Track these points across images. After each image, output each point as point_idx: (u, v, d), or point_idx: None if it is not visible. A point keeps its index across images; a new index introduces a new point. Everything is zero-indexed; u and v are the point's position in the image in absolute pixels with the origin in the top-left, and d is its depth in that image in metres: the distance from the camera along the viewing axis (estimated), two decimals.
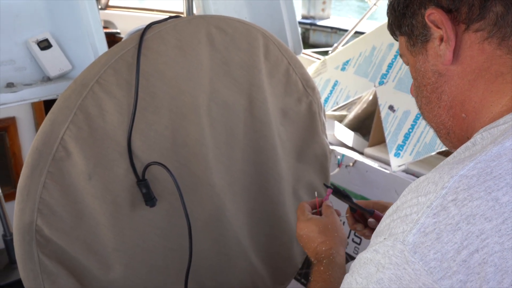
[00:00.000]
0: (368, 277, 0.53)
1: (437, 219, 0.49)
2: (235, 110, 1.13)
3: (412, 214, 0.50)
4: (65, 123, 0.89)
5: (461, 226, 0.48)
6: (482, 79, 0.60)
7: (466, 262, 0.47)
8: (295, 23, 1.48)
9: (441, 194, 0.49)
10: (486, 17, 0.59)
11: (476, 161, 0.51)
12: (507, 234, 0.47)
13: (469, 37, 0.60)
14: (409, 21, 0.66)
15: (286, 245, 1.32)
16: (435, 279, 0.47)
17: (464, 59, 0.61)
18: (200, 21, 1.05)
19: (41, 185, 0.88)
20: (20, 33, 1.09)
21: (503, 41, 0.58)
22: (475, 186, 0.49)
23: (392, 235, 0.51)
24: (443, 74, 0.64)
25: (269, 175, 1.23)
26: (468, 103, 0.62)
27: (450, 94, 0.64)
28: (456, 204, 0.48)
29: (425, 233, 0.48)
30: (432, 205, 0.49)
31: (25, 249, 0.89)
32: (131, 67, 0.94)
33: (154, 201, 1.01)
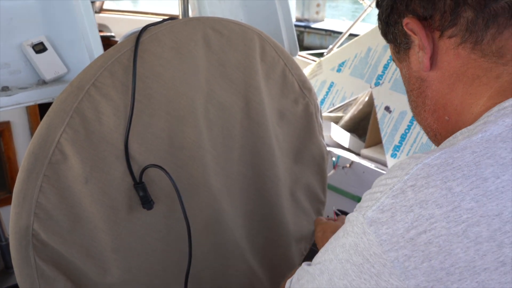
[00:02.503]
0: (337, 239, 0.61)
1: (394, 200, 0.54)
2: (232, 112, 1.13)
3: (377, 193, 0.57)
4: (61, 126, 0.88)
5: (414, 209, 0.53)
6: (460, 83, 0.64)
7: (413, 240, 0.52)
8: (291, 25, 1.48)
9: (404, 179, 0.55)
10: (457, 23, 0.62)
11: (442, 152, 0.55)
12: (454, 221, 0.51)
13: (444, 43, 0.64)
14: (392, 29, 0.70)
15: (284, 246, 1.32)
16: (383, 250, 0.54)
17: (442, 64, 0.65)
18: (196, 23, 1.05)
19: (38, 189, 0.87)
20: (15, 36, 1.08)
21: (476, 45, 0.61)
22: (434, 175, 0.53)
23: (359, 208, 0.59)
24: (425, 79, 0.68)
25: (266, 177, 1.23)
26: (449, 106, 0.66)
27: (432, 98, 0.68)
28: (414, 189, 0.54)
29: (382, 210, 0.55)
30: (394, 188, 0.55)
31: (21, 253, 0.88)
32: (127, 69, 0.94)
33: (151, 204, 1.00)
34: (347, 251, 0.58)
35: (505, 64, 0.61)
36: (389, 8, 0.69)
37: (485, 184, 0.52)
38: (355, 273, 0.57)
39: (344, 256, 0.59)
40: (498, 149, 0.53)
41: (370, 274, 0.55)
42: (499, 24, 0.60)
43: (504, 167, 0.52)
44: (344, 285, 0.58)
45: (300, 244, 1.38)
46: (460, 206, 0.51)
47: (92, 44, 1.08)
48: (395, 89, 1.67)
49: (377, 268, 0.54)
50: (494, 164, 0.52)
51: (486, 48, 0.61)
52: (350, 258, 0.58)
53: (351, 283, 0.57)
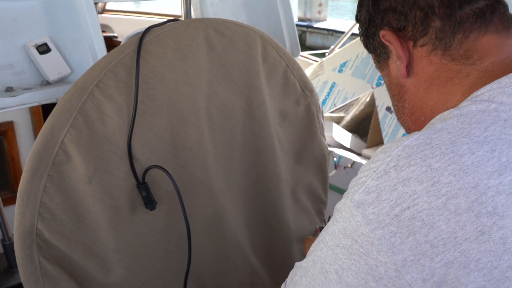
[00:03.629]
0: (326, 229, 0.64)
1: (379, 182, 0.57)
2: (234, 112, 1.14)
3: (362, 178, 0.60)
4: (65, 126, 0.89)
5: (397, 187, 0.56)
6: (435, 86, 0.69)
7: (398, 217, 0.55)
8: (293, 25, 1.49)
9: (386, 161, 0.58)
10: (428, 33, 0.68)
11: (420, 134, 0.59)
12: (435, 195, 0.54)
13: (417, 52, 0.70)
14: (371, 41, 0.76)
15: (285, 245, 1.32)
16: (370, 229, 0.56)
17: (417, 71, 0.71)
18: (198, 24, 1.06)
19: (42, 189, 0.88)
20: (18, 37, 1.09)
21: (446, 51, 0.67)
22: (414, 154, 0.57)
23: (347, 194, 0.61)
24: (403, 85, 0.74)
25: (267, 177, 1.24)
26: (425, 107, 0.71)
27: (410, 102, 0.74)
28: (396, 169, 0.57)
29: (368, 192, 0.58)
30: (377, 170, 0.58)
31: (25, 253, 0.89)
32: (130, 70, 0.95)
33: (154, 204, 1.01)
34: (336, 237, 0.60)
35: (473, 64, 0.66)
36: (366, 22, 0.75)
37: (462, 160, 0.55)
38: (345, 255, 0.59)
39: (334, 241, 0.61)
40: (472, 128, 0.57)
41: (359, 254, 0.57)
42: (465, 29, 0.66)
43: (479, 144, 0.56)
44: (335, 270, 0.60)
45: (301, 244, 1.38)
46: (440, 181, 0.54)
47: (95, 45, 1.09)
48: None
49: (365, 247, 0.57)
50: (469, 142, 0.56)
51: (455, 53, 0.67)
52: (339, 242, 0.60)
53: (342, 266, 0.59)
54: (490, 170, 0.54)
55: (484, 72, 0.65)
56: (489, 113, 0.58)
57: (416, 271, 0.54)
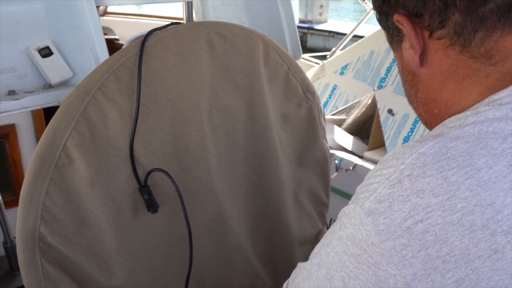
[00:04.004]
0: (333, 233, 0.62)
1: (392, 190, 0.55)
2: (236, 115, 1.14)
3: (374, 184, 0.58)
4: (67, 130, 0.89)
5: (411, 198, 0.54)
6: (451, 80, 0.65)
7: (410, 229, 0.53)
8: (294, 28, 1.49)
9: (400, 169, 0.56)
10: (446, 26, 0.62)
11: (436, 141, 0.56)
12: (450, 209, 0.53)
13: (433, 43, 0.64)
14: (384, 19, 0.70)
15: (287, 249, 1.32)
16: (381, 240, 0.55)
17: (432, 62, 0.66)
18: (200, 27, 1.06)
19: (44, 192, 0.88)
20: (21, 40, 1.09)
21: (465, 48, 0.62)
22: (429, 165, 0.55)
23: (356, 200, 0.59)
24: (416, 74, 0.69)
25: (269, 180, 1.24)
26: (440, 101, 0.68)
27: (424, 92, 0.70)
28: (410, 179, 0.55)
29: (380, 201, 0.56)
30: (390, 178, 0.56)
31: (28, 256, 0.89)
32: (132, 73, 0.95)
33: (156, 207, 1.01)
34: (344, 243, 0.59)
35: (494, 65, 0.62)
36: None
37: (479, 174, 0.53)
38: (352, 264, 0.57)
39: (341, 248, 0.59)
40: (490, 139, 0.55)
41: (368, 264, 0.56)
42: (487, 27, 0.60)
43: (496, 158, 0.54)
44: (341, 277, 0.59)
45: (303, 247, 1.38)
46: (456, 196, 0.53)
47: (97, 48, 1.09)
48: (398, 92, 1.68)
49: (374, 258, 0.55)
50: (487, 154, 0.54)
51: (475, 51, 0.62)
52: (347, 249, 0.58)
53: (349, 274, 0.58)
54: (507, 187, 0.53)
55: (506, 74, 0.61)
56: (507, 121, 0.56)
57: (426, 286, 0.53)
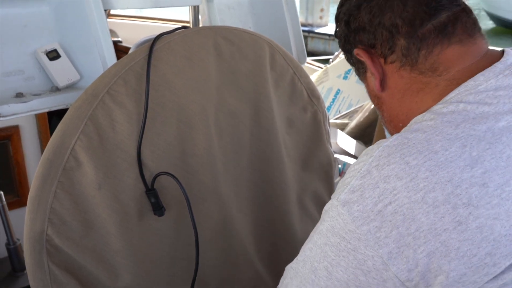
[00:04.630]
0: (315, 230, 0.68)
1: (362, 181, 0.61)
2: (242, 119, 1.15)
3: (348, 178, 0.64)
4: (76, 133, 0.90)
5: (379, 184, 0.60)
6: (407, 96, 0.74)
7: (381, 212, 0.58)
8: (299, 33, 1.50)
9: (369, 161, 0.62)
10: (395, 51, 0.72)
11: (398, 135, 0.63)
12: (413, 189, 0.58)
13: (388, 68, 0.74)
14: (349, 56, 0.81)
15: (291, 253, 1.32)
16: (357, 226, 0.60)
17: (390, 84, 0.76)
18: (208, 32, 1.06)
19: (52, 195, 0.89)
20: (29, 43, 1.10)
21: (413, 66, 0.72)
22: (393, 154, 0.61)
23: (334, 195, 0.65)
24: (380, 97, 0.79)
25: (275, 184, 1.24)
26: (401, 115, 0.76)
27: (387, 111, 0.80)
28: (378, 168, 0.61)
29: (352, 191, 0.61)
30: (361, 170, 0.62)
31: (35, 258, 0.89)
32: (141, 77, 0.95)
33: (162, 210, 1.02)
34: (324, 235, 0.64)
35: (440, 75, 0.70)
36: (342, 39, 0.80)
37: (436, 156, 0.59)
38: (333, 253, 0.62)
39: (322, 240, 0.64)
40: (444, 127, 0.61)
41: (347, 250, 0.61)
42: (428, 45, 0.70)
43: (451, 141, 0.60)
44: (325, 267, 0.63)
45: None
46: (417, 177, 0.58)
47: (105, 52, 1.10)
48: None
49: (353, 243, 0.60)
50: (442, 139, 0.60)
51: (422, 67, 0.71)
52: (328, 240, 0.63)
53: (331, 262, 0.62)
54: (462, 165, 0.58)
55: (452, 80, 0.69)
56: (459, 113, 0.63)
57: (401, 263, 0.58)
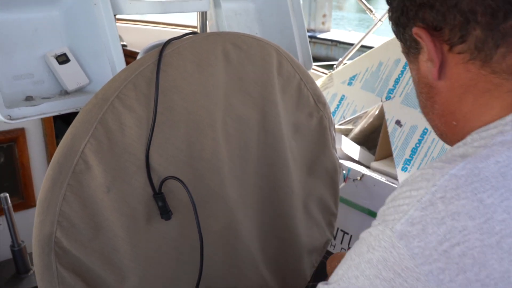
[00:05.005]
0: (360, 255, 0.59)
1: (424, 213, 0.54)
2: (249, 125, 1.15)
3: (403, 205, 0.57)
4: (86, 136, 0.91)
5: (446, 221, 0.53)
6: (470, 94, 0.64)
7: (447, 253, 0.52)
8: (306, 39, 1.51)
9: (431, 190, 0.55)
10: (467, 40, 0.61)
11: (466, 162, 0.56)
12: (487, 232, 0.52)
13: (453, 57, 0.63)
14: (401, 31, 0.70)
15: (296, 257, 1.33)
16: (416, 264, 0.53)
17: (451, 75, 0.65)
18: (216, 37, 1.08)
19: (61, 198, 0.89)
20: (39, 47, 1.10)
21: (485, 62, 0.61)
22: (463, 187, 0.54)
23: (384, 221, 0.58)
24: (434, 87, 0.68)
25: (280, 189, 1.25)
26: (458, 113, 0.67)
27: (441, 104, 0.69)
28: (444, 201, 0.54)
29: (412, 223, 0.54)
30: (421, 200, 0.55)
31: (43, 260, 0.90)
32: (150, 82, 0.96)
33: (169, 214, 1.02)
34: (375, 267, 0.57)
35: None
36: (399, 10, 0.68)
37: None
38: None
39: (372, 271, 0.57)
40: None
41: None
42: (509, 43, 0.59)
43: None
44: None
45: (312, 256, 1.39)
46: (493, 218, 0.52)
47: (114, 56, 1.10)
48: (406, 103, 1.69)
49: (410, 282, 0.54)
50: None
51: (496, 66, 0.61)
52: (379, 273, 0.56)
53: None
54: None
55: None
56: None
57: None
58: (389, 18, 0.73)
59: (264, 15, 1.51)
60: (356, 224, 1.78)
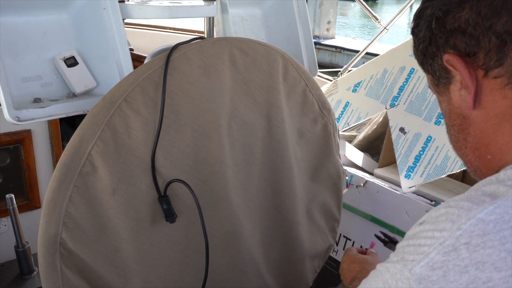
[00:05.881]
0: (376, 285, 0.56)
1: (446, 258, 0.51)
2: (254, 129, 1.16)
3: (424, 246, 0.53)
4: (93, 139, 0.92)
5: (469, 270, 0.49)
6: (507, 123, 0.60)
7: None
8: (311, 45, 1.52)
9: (456, 235, 0.51)
10: (504, 63, 0.58)
11: (496, 205, 0.52)
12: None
13: (489, 83, 0.60)
14: (430, 61, 0.67)
15: (298, 262, 1.33)
16: None
17: (486, 103, 0.61)
18: (223, 42, 1.09)
19: (67, 199, 0.90)
20: (47, 50, 1.11)
21: None
22: (490, 234, 0.50)
23: (403, 260, 0.54)
24: (467, 117, 0.64)
25: (284, 194, 1.25)
26: (493, 145, 0.62)
27: (475, 136, 0.65)
28: (468, 248, 0.50)
29: (432, 268, 0.51)
30: (444, 243, 0.51)
31: (48, 261, 0.91)
32: (157, 86, 0.97)
33: (174, 217, 1.03)
34: None
35: None
36: (427, 40, 0.65)
37: None
38: None
39: None
40: None
41: None
42: None
43: None
44: None
45: (314, 261, 1.39)
46: None
47: (122, 60, 1.11)
48: (410, 110, 1.69)
49: None
50: None
51: None
52: None
53: None
54: None
55: None
56: None
57: None
58: (415, 51, 0.70)
59: (270, 21, 1.52)
60: (359, 230, 1.78)
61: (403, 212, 1.62)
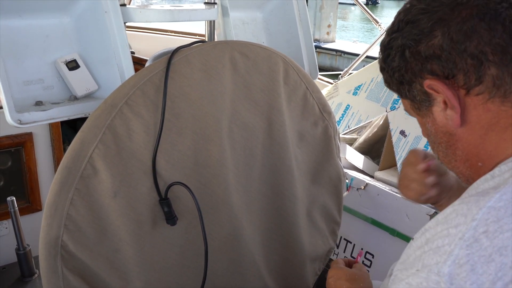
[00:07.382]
0: None
1: (470, 251, 0.51)
2: (255, 132, 1.17)
3: (444, 246, 0.53)
4: (94, 141, 0.92)
5: (494, 257, 0.50)
6: (493, 132, 0.63)
7: None
8: (312, 48, 1.52)
9: (472, 226, 0.52)
10: (483, 81, 0.61)
11: (501, 193, 0.53)
12: None
13: (472, 100, 0.63)
14: (407, 88, 0.69)
15: (299, 265, 1.33)
16: None
17: (471, 118, 0.64)
18: (224, 46, 1.09)
19: (69, 202, 0.90)
20: (49, 53, 1.12)
21: (506, 98, 0.61)
22: (504, 218, 0.51)
23: (425, 267, 0.53)
24: (454, 134, 0.67)
25: (284, 196, 1.25)
26: (483, 153, 0.65)
27: (463, 149, 0.67)
28: (488, 236, 0.51)
29: (459, 264, 0.51)
30: (464, 237, 0.52)
31: (50, 263, 0.91)
32: (158, 89, 0.98)
33: (174, 219, 1.03)
34: None
35: None
36: (402, 69, 0.68)
37: None
38: None
39: None
40: None
41: None
42: None
43: None
44: None
45: (315, 264, 1.39)
46: None
47: (123, 63, 1.12)
48: None
49: None
50: None
51: None
52: None
53: None
54: None
55: None
56: None
57: None
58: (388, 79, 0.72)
59: (271, 24, 1.53)
60: (359, 233, 1.78)
61: (404, 215, 1.62)
